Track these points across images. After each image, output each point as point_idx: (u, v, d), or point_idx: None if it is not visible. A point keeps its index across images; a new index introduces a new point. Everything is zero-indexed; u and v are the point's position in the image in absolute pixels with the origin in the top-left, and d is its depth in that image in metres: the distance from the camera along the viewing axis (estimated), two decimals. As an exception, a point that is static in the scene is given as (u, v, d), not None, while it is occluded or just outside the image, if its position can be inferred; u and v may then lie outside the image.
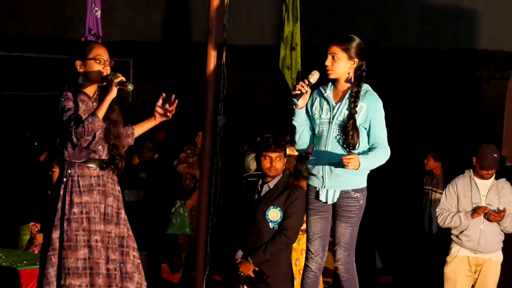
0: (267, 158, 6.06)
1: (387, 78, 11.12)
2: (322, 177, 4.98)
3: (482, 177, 6.90)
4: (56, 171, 7.31)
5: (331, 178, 4.96)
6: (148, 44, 13.52)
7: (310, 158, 5.07)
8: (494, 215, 6.75)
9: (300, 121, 5.06)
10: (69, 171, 4.83)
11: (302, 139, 5.10)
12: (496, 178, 6.93)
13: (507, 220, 6.81)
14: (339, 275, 5.10)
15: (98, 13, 8.20)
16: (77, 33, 10.68)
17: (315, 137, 5.06)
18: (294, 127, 5.13)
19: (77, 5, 12.66)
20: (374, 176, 7.37)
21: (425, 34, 11.67)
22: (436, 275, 7.35)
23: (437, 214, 7.06)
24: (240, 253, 6.09)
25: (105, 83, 4.85)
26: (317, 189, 5.02)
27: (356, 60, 4.97)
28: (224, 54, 6.13)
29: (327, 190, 4.98)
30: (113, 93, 4.77)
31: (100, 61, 4.88)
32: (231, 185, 7.10)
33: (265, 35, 12.43)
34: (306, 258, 5.14)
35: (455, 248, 6.97)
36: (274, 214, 6.04)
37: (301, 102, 4.99)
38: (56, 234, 4.75)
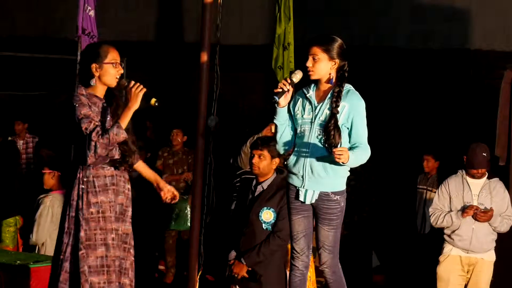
0: (252, 155, 6.12)
1: (380, 78, 11.12)
2: (302, 176, 4.98)
3: (473, 176, 6.91)
4: (47, 172, 7.30)
5: (311, 178, 4.95)
6: (141, 43, 13.48)
7: (291, 157, 5.06)
8: (480, 215, 6.76)
9: (281, 120, 5.05)
10: (84, 172, 4.86)
11: (283, 138, 5.08)
12: (489, 177, 6.93)
13: (497, 220, 6.81)
14: (326, 278, 5.10)
15: (92, 13, 8.18)
16: (69, 32, 10.65)
17: (297, 137, 5.05)
18: (275, 126, 5.14)
19: (69, 4, 12.60)
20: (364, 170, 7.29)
21: (418, 34, 11.66)
22: (428, 274, 7.36)
23: (430, 214, 7.07)
24: (233, 254, 6.08)
25: (120, 88, 4.89)
26: (297, 188, 5.03)
27: (337, 60, 4.96)
28: (217, 54, 6.12)
29: (306, 190, 4.98)
30: (137, 105, 4.83)
31: (115, 64, 4.91)
32: (224, 185, 7.10)
33: (258, 35, 12.40)
34: (292, 258, 5.14)
35: (447, 248, 6.97)
36: (267, 215, 6.04)
37: (283, 101, 4.98)
38: (83, 233, 4.81)
